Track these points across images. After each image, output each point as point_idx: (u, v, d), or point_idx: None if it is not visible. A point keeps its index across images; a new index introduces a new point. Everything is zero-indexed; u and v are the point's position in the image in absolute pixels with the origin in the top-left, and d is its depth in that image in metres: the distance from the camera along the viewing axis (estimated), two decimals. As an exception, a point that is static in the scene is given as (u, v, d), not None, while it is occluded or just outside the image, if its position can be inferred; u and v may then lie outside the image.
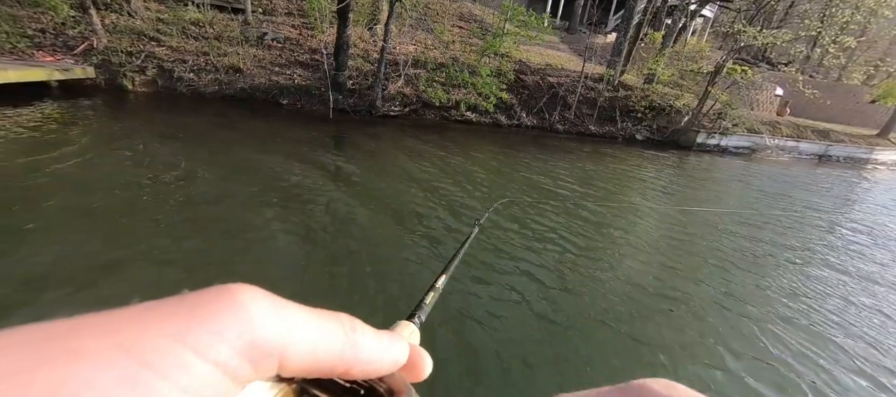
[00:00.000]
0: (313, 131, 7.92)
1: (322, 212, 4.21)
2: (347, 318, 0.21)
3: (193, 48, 9.60)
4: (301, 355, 0.18)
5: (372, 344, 0.21)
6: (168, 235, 3.32)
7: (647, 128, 12.92)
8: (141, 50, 9.03)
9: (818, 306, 3.59)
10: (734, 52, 11.33)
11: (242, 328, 0.16)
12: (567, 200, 5.78)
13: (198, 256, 3.14)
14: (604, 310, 3.08)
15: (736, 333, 3.01)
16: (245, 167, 5.27)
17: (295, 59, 10.85)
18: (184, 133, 6.38)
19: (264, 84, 9.85)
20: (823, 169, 12.74)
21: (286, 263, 3.25)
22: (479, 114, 11.57)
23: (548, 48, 17.14)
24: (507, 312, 2.91)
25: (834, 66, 12.10)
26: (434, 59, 11.48)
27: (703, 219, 5.79)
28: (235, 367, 0.16)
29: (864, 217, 7.36)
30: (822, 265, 4.59)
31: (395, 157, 6.89)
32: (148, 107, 8.07)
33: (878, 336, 3.22)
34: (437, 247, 3.76)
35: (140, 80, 8.84)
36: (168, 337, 0.14)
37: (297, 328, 0.18)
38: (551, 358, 2.56)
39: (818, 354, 2.88)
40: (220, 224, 3.67)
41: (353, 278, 3.10)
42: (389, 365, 0.22)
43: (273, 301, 0.18)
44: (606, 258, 4.04)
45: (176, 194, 4.12)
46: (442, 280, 0.64)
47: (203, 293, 0.17)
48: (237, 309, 0.16)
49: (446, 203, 4.96)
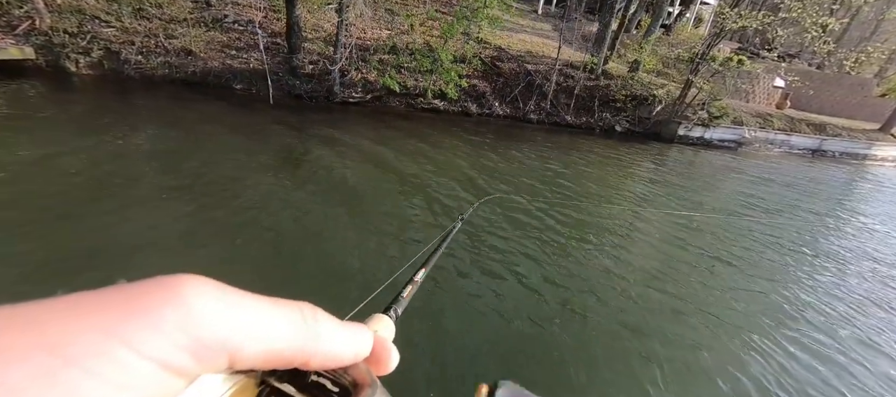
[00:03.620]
0: (254, 119, 7.57)
1: (229, 205, 3.90)
2: (309, 308, 0.20)
3: (144, 29, 9.27)
4: (255, 348, 0.17)
5: (333, 334, 0.20)
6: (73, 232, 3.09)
7: (628, 119, 12.30)
8: (87, 31, 8.73)
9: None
10: (716, 38, 10.58)
11: (183, 321, 0.15)
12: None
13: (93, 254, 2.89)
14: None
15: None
16: (161, 155, 4.97)
17: (254, 43, 10.45)
18: (117, 118, 6.09)
19: (217, 68, 9.51)
20: (816, 165, 12.01)
21: (211, 256, 3.10)
22: (447, 102, 11.11)
23: (536, 35, 16.46)
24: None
25: (822, 52, 11.21)
26: (408, 45, 10.98)
27: (663, 223, 5.33)
28: (177, 363, 0.15)
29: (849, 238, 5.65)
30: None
31: (316, 148, 6.49)
32: (89, 91, 7.80)
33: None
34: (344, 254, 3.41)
35: (85, 62, 8.56)
36: (98, 332, 0.13)
37: (249, 320, 0.17)
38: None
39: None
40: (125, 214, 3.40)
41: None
42: (351, 357, 0.21)
43: (221, 292, 0.17)
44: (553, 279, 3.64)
45: (101, 185, 3.86)
46: (421, 274, 0.64)
47: (140, 284, 0.15)
48: (178, 301, 0.15)
49: (359, 209, 4.59)
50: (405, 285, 0.57)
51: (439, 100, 10.92)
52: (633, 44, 13.46)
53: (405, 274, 0.67)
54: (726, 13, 9.94)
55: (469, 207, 2.07)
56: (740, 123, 12.12)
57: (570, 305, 3.06)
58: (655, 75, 13.30)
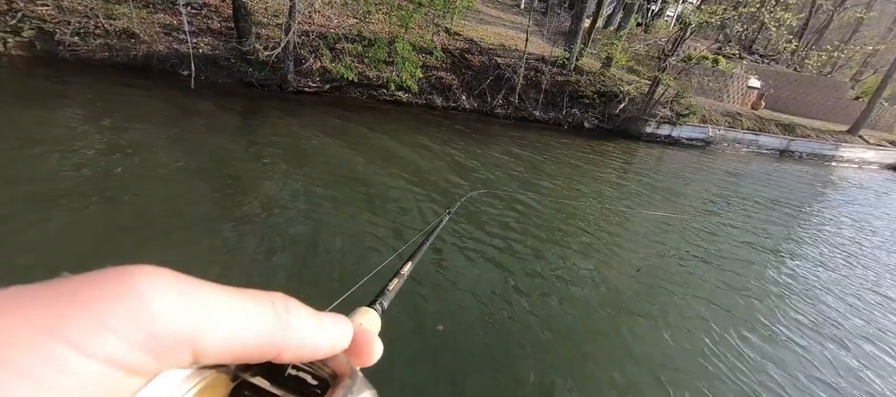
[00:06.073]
0: (174, 109, 7.13)
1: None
2: (281, 298, 0.19)
3: (82, 8, 8.74)
4: (221, 341, 0.16)
5: (307, 325, 0.19)
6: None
7: (597, 115, 12.13)
8: (17, 8, 8.18)
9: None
10: (682, 34, 10.43)
11: (135, 315, 0.14)
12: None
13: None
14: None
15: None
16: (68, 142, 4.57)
17: (206, 27, 9.98)
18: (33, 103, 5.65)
19: (163, 52, 9.03)
20: (780, 165, 12.00)
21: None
22: (410, 94, 10.78)
23: (513, 29, 16.16)
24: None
25: (787, 50, 11.18)
26: (366, 33, 10.58)
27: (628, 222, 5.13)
28: (129, 360, 0.13)
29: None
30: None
31: (252, 135, 6.15)
32: (17, 75, 7.30)
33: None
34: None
35: (14, 42, 8.03)
36: (33, 329, 0.12)
37: (212, 311, 0.16)
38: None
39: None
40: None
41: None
42: (327, 349, 0.20)
43: (180, 283, 0.16)
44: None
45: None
46: (408, 267, 0.64)
47: (87, 276, 0.14)
48: (128, 294, 0.14)
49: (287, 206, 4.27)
50: (391, 278, 0.56)
51: (402, 92, 10.59)
52: (605, 39, 13.26)
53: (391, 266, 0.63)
54: (688, 9, 9.80)
55: (458, 200, 2.02)
56: (708, 122, 12.04)
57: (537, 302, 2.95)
58: (627, 72, 13.14)
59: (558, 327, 2.78)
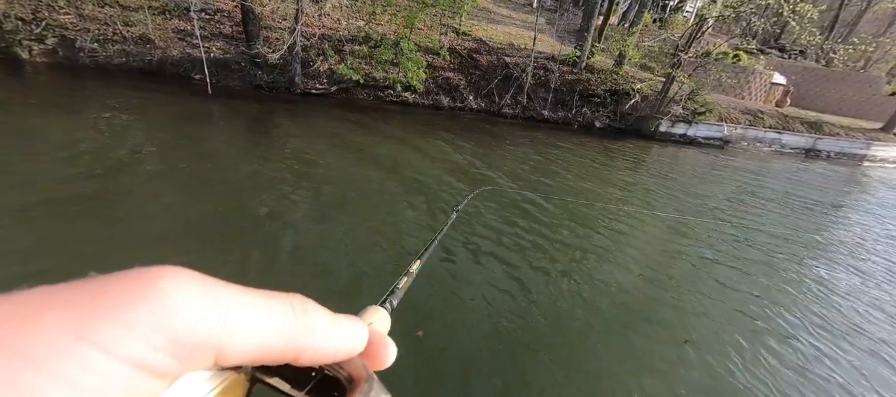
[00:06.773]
0: (187, 110, 7.32)
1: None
2: (300, 300, 0.19)
3: (102, 16, 9.09)
4: (243, 343, 0.16)
5: (326, 328, 0.19)
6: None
7: (608, 114, 11.80)
8: (41, 17, 8.58)
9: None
10: (698, 28, 10.00)
11: (161, 318, 0.14)
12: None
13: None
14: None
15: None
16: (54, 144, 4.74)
17: (218, 31, 10.23)
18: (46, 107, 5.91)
19: (177, 57, 9.30)
20: (807, 165, 11.38)
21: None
22: (417, 95, 10.76)
23: (524, 28, 15.94)
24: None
25: (810, 45, 10.57)
26: (373, 35, 10.61)
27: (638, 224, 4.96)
28: (155, 363, 0.13)
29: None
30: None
31: (262, 138, 6.23)
32: (40, 80, 7.65)
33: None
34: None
35: (38, 49, 8.42)
36: (63, 330, 0.12)
37: (237, 314, 0.16)
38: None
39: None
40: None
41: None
42: (345, 352, 0.20)
43: (205, 285, 0.15)
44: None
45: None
46: (416, 265, 0.64)
47: (113, 277, 0.14)
48: (154, 296, 0.14)
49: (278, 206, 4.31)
50: (400, 276, 0.56)
51: (409, 92, 10.58)
52: (617, 35, 12.90)
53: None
54: (706, 2, 9.36)
55: (465, 197, 1.98)
56: (726, 120, 11.53)
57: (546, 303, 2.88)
58: (640, 69, 12.74)
59: (567, 330, 2.70)
